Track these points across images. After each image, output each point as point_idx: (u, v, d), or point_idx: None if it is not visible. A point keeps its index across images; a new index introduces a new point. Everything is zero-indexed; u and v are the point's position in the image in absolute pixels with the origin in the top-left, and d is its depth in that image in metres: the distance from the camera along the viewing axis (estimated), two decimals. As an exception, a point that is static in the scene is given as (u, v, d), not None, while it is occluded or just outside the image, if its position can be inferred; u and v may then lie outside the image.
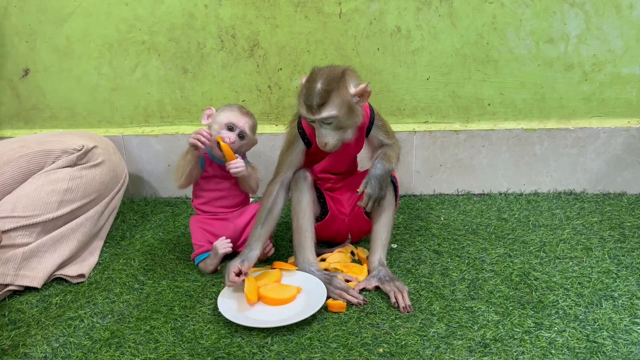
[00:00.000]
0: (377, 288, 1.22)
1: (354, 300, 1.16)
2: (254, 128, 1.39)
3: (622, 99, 1.65)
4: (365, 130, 1.26)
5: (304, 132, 1.27)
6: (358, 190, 1.22)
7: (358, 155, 1.39)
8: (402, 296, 1.16)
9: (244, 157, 1.41)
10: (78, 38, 1.74)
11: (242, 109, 1.38)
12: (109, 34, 1.72)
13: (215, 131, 1.34)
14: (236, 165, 1.32)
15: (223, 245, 1.32)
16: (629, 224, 1.48)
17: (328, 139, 1.17)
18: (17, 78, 1.81)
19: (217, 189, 1.39)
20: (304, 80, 1.19)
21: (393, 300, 1.16)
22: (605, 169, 1.69)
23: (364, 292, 1.21)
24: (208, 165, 1.38)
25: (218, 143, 1.31)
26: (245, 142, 1.37)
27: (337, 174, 1.39)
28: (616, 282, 1.20)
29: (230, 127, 1.34)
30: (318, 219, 1.34)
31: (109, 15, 1.70)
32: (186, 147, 1.33)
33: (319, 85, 1.14)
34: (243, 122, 1.35)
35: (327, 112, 1.14)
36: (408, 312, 1.13)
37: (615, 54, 1.61)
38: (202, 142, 1.28)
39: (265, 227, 1.25)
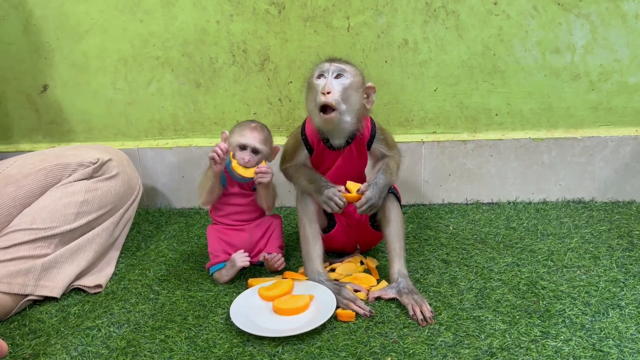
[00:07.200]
0: (392, 299, 1.22)
1: (360, 312, 1.17)
2: (265, 140, 1.38)
3: (629, 108, 1.66)
4: (366, 144, 1.30)
5: (307, 139, 1.30)
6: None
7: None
8: (422, 309, 1.16)
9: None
10: (94, 54, 1.79)
11: (251, 125, 1.39)
12: (124, 49, 1.78)
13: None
14: (262, 176, 1.34)
15: (241, 259, 1.33)
16: (637, 232, 1.49)
17: (333, 88, 1.19)
18: (37, 93, 1.86)
19: (237, 204, 1.41)
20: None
21: (411, 312, 1.16)
22: (614, 177, 1.70)
23: (375, 302, 1.23)
24: (229, 184, 1.40)
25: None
26: (261, 156, 1.38)
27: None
28: (623, 290, 1.21)
29: (242, 147, 1.36)
30: (326, 230, 1.36)
31: (124, 32, 1.76)
32: (207, 164, 1.35)
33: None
34: (252, 139, 1.35)
35: (343, 65, 1.23)
36: (429, 323, 1.14)
37: (621, 63, 1.62)
38: (219, 155, 1.31)
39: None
